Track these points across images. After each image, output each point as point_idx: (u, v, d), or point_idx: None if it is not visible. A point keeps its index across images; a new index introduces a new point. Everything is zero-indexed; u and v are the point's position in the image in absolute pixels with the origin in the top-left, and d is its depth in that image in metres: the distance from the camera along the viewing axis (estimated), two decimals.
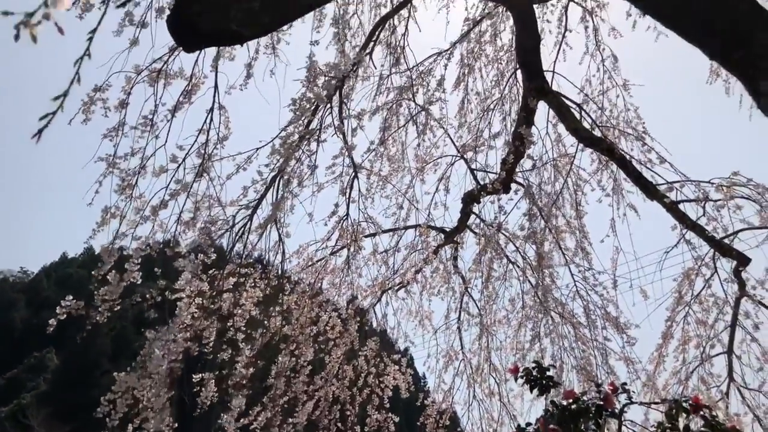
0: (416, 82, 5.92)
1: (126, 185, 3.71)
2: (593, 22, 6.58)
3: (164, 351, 4.32)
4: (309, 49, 3.79)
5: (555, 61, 6.41)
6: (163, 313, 4.56)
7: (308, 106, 4.08)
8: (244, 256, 5.03)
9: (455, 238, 6.29)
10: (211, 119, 3.87)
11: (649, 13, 2.87)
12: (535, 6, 5.02)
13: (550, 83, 5.34)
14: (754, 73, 2.51)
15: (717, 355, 6.02)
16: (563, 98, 5.01)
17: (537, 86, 4.75)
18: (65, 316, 3.62)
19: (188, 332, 4.71)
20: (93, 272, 3.67)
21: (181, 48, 3.21)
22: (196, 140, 3.83)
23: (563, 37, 6.54)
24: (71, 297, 3.68)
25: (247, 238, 4.86)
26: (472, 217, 6.13)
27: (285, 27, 3.59)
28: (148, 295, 4.11)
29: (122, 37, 3.39)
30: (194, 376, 4.94)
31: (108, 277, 3.65)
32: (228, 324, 5.20)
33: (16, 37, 0.89)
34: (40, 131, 1.02)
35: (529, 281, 6.40)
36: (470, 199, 5.75)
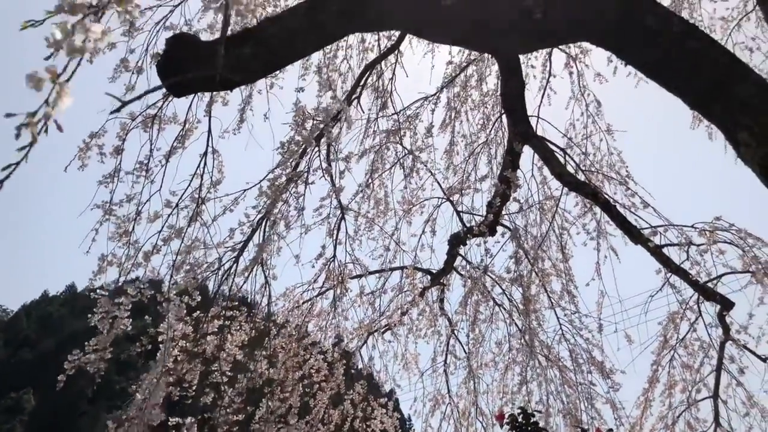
0: (403, 125, 6.01)
1: (123, 232, 3.73)
2: (577, 68, 6.72)
3: (145, 395, 4.26)
4: (298, 93, 3.86)
5: (540, 105, 6.52)
6: (147, 355, 4.51)
7: (296, 149, 4.12)
8: (229, 298, 5.00)
9: (441, 280, 6.29)
10: (205, 163, 3.91)
11: (631, 63, 2.94)
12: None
13: (534, 128, 5.43)
14: (734, 124, 2.57)
15: (703, 399, 6.00)
16: (548, 143, 5.08)
17: (522, 131, 4.81)
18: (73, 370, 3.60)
19: (171, 376, 4.64)
20: (86, 321, 3.66)
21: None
22: (189, 185, 3.86)
23: (547, 82, 6.67)
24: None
25: (233, 280, 4.84)
26: (459, 259, 6.14)
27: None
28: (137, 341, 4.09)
29: (118, 83, 3.44)
30: (171, 419, 4.85)
31: (99, 325, 3.62)
32: (212, 367, 5.14)
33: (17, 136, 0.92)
34: (1, 182, 1.02)
35: (516, 324, 6.40)
36: (456, 242, 5.77)
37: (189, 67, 2.67)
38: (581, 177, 5.34)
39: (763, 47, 7.29)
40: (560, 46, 5.97)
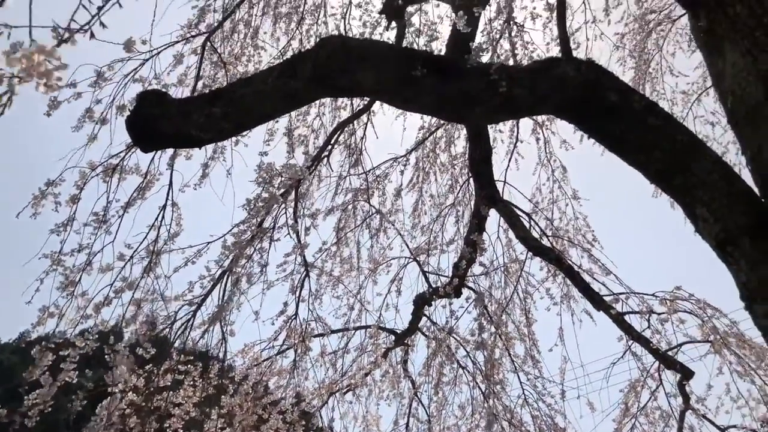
0: (372, 185, 6.05)
1: (68, 282, 3.62)
2: (543, 134, 6.89)
3: None
4: (263, 157, 3.87)
5: (507, 169, 6.63)
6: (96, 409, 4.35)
7: (263, 205, 4.11)
8: (184, 352, 4.88)
9: (406, 341, 6.24)
10: (163, 216, 3.86)
11: (593, 136, 3.02)
12: None
13: (501, 192, 5.52)
14: (691, 200, 2.64)
15: None
16: (513, 207, 5.16)
17: (488, 195, 4.89)
18: None
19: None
20: (24, 374, 3.51)
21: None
22: (145, 237, 3.80)
23: (515, 147, 6.81)
24: None
25: (189, 334, 4.74)
26: (424, 319, 6.11)
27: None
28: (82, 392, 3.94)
29: (81, 133, 3.41)
30: None
31: (41, 379, 3.48)
32: (165, 424, 4.96)
33: None
34: None
35: (479, 387, 6.34)
36: (422, 302, 5.75)
37: (158, 123, 2.66)
38: (546, 242, 5.41)
39: (722, 121, 7.58)
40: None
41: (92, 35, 1.80)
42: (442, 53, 4.41)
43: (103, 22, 1.81)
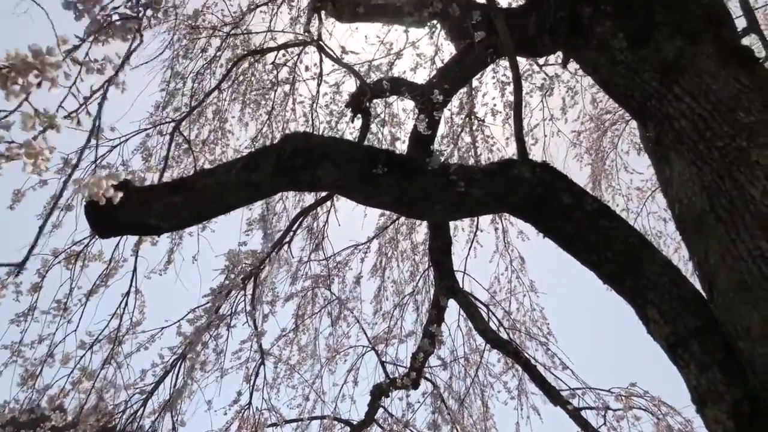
0: (333, 272, 6.05)
1: (29, 375, 3.50)
2: (502, 224, 7.03)
3: None
4: (233, 235, 3.88)
5: (467, 257, 6.71)
6: None
7: (221, 291, 4.07)
8: None
9: None
10: (126, 303, 3.79)
11: (547, 235, 3.10)
12: None
13: (461, 282, 5.56)
14: (643, 301, 2.71)
15: None
16: (472, 298, 5.19)
17: (448, 285, 4.92)
18: None
19: None
20: None
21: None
22: (107, 325, 3.72)
23: (474, 235, 6.92)
24: None
25: (139, 423, 4.55)
26: (380, 411, 5.98)
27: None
28: None
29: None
30: None
31: None
32: None
33: None
34: None
35: None
36: (379, 393, 5.65)
37: (117, 210, 2.65)
38: (504, 334, 5.43)
39: None
40: None
41: (79, 122, 1.82)
42: (405, 141, 4.56)
43: (89, 111, 1.83)
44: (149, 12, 1.39)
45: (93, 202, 2.73)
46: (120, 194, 1.66)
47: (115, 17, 1.37)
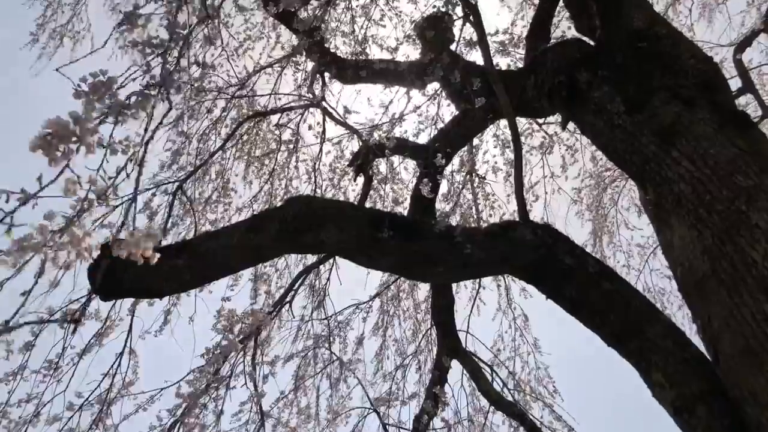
0: (334, 331, 6.00)
1: None
2: (505, 281, 7.00)
3: None
4: (231, 293, 3.87)
5: (470, 315, 6.65)
6: None
7: (220, 352, 4.03)
8: None
9: None
10: (119, 364, 3.75)
11: (550, 297, 3.09)
12: None
13: (463, 341, 5.50)
14: (647, 365, 2.69)
15: None
16: (475, 358, 5.13)
17: (450, 346, 4.88)
18: None
19: None
20: None
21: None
22: (98, 386, 3.66)
23: (477, 293, 6.88)
24: None
25: None
26: None
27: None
28: None
29: (43, 278, 3.34)
30: None
31: None
32: None
33: None
34: None
35: None
36: None
37: (120, 273, 2.67)
38: (508, 395, 5.34)
39: None
40: None
41: (107, 203, 1.83)
42: (407, 198, 4.60)
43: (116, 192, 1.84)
44: (163, 90, 1.43)
45: (96, 264, 2.74)
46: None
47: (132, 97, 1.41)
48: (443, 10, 3.71)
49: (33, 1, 5.42)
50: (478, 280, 6.91)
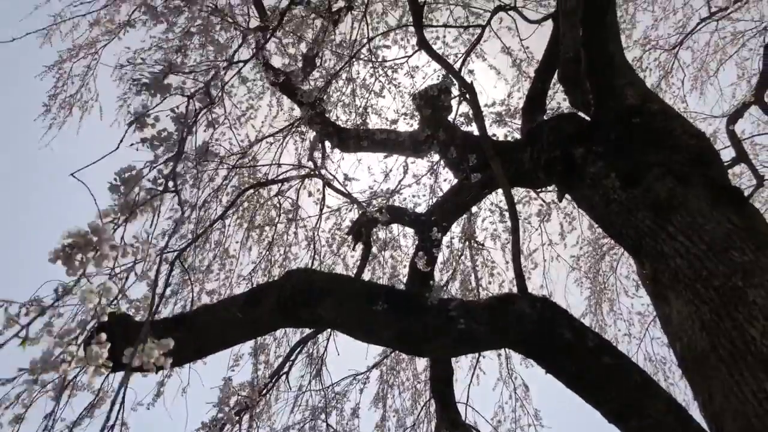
0: (331, 402, 5.89)
1: None
2: (505, 351, 6.91)
3: None
4: (229, 370, 3.82)
5: (469, 385, 6.54)
6: None
7: (216, 425, 3.95)
8: None
9: None
10: None
11: (550, 372, 3.06)
12: None
13: (463, 412, 5.40)
14: None
15: None
16: None
17: (450, 418, 4.78)
18: None
19: None
20: None
21: None
22: None
23: (477, 363, 6.79)
24: None
25: None
26: None
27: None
28: None
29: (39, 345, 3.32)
30: None
31: None
32: None
33: None
34: None
35: None
36: None
37: (118, 347, 2.64)
38: None
39: None
40: None
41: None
42: (406, 265, 4.59)
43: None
44: (170, 184, 1.47)
45: (91, 338, 2.73)
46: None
47: (142, 193, 1.45)
48: (439, 88, 3.82)
49: (44, 74, 5.54)
50: None
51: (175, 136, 1.49)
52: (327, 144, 5.70)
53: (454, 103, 3.95)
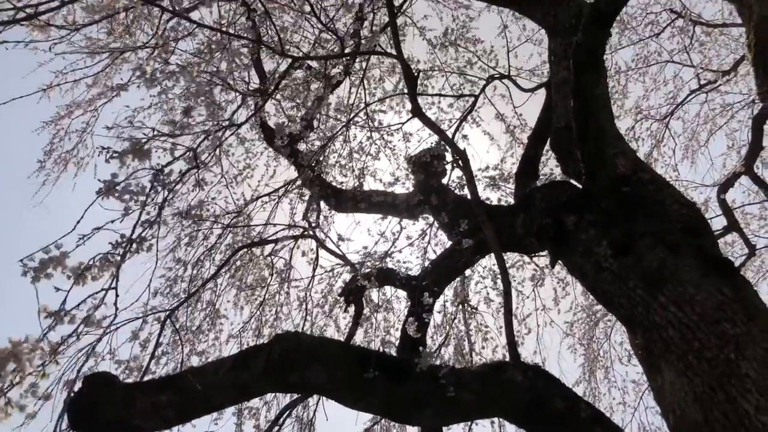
0: None
1: None
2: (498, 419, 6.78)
3: None
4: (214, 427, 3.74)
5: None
6: None
7: None
8: None
9: None
10: None
11: None
12: None
13: None
14: None
15: None
16: None
17: None
18: None
19: None
20: None
21: None
22: None
23: (470, 429, 6.64)
24: None
25: None
26: None
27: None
28: None
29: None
30: None
31: None
32: None
33: None
34: None
35: None
36: None
37: (99, 409, 2.60)
38: None
39: None
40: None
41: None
42: (398, 327, 4.54)
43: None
44: (133, 247, 1.47)
45: (79, 398, 2.67)
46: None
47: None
48: (432, 154, 3.88)
49: (42, 130, 5.60)
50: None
51: (147, 191, 1.49)
52: (322, 204, 5.73)
53: (447, 167, 4.01)
